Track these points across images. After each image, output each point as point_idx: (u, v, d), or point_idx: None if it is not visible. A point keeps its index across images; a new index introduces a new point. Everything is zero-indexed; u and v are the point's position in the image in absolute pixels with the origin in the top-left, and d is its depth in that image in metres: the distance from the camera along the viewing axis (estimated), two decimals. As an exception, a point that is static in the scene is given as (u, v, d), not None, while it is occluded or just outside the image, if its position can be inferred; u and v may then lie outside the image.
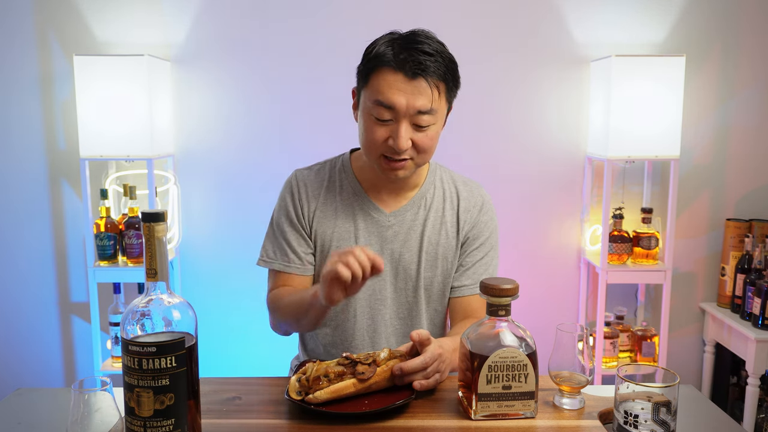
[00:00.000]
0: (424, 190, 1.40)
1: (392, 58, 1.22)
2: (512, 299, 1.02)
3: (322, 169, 1.43)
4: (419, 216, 1.38)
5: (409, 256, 1.37)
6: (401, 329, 1.40)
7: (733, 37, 2.46)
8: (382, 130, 1.25)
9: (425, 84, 1.22)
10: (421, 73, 1.22)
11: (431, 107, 1.24)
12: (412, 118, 1.23)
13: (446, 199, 1.41)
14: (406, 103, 1.22)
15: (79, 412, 0.82)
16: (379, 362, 1.08)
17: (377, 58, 1.24)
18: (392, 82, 1.22)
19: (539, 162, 2.51)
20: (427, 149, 1.28)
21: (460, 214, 1.40)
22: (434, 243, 1.38)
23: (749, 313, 2.31)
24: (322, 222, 1.38)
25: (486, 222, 1.42)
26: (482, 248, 1.40)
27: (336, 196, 1.39)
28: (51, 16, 2.40)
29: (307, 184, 1.40)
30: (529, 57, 2.46)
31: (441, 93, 1.26)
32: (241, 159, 2.49)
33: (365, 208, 1.38)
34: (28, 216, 2.51)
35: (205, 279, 2.54)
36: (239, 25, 2.43)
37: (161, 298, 0.86)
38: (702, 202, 2.55)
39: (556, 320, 1.53)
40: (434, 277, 1.39)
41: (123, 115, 2.20)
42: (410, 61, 1.21)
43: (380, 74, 1.23)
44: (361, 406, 1.03)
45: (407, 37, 1.26)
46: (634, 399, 0.90)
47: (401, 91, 1.22)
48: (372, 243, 1.37)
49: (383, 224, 1.37)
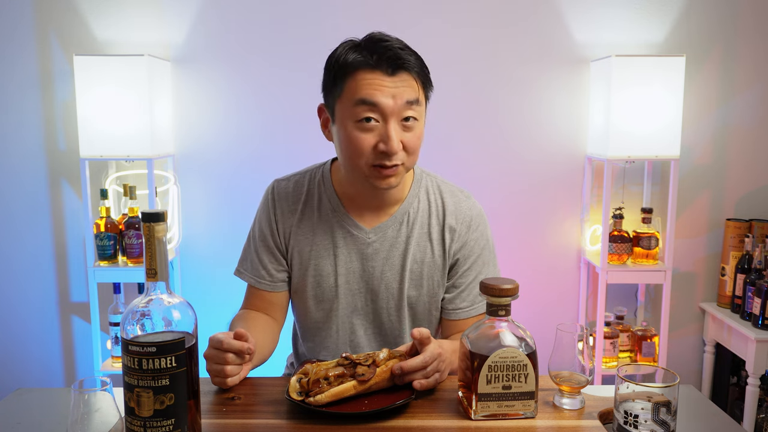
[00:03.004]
0: (407, 205, 1.34)
1: (363, 60, 1.17)
2: (512, 299, 1.02)
3: (301, 180, 1.37)
4: (402, 232, 1.33)
5: (391, 275, 1.32)
6: (383, 347, 1.35)
7: (733, 37, 2.46)
8: (368, 137, 1.19)
9: (407, 75, 1.19)
10: (401, 65, 1.18)
11: (417, 97, 1.20)
12: (400, 114, 1.19)
13: (431, 214, 1.34)
14: (393, 100, 1.17)
15: (79, 412, 0.82)
16: (379, 363, 1.07)
17: (347, 65, 1.19)
18: (372, 82, 1.17)
19: (539, 162, 2.51)
20: (414, 149, 1.23)
21: (446, 233, 1.33)
22: (419, 261, 1.32)
23: (749, 313, 2.31)
24: (300, 239, 1.34)
25: (476, 239, 1.35)
26: (474, 267, 1.35)
27: (314, 212, 1.34)
28: (51, 16, 2.40)
29: (284, 198, 1.36)
30: (529, 57, 2.46)
31: (419, 85, 1.22)
32: (241, 159, 2.49)
33: (344, 224, 1.32)
34: (28, 216, 2.51)
35: (205, 279, 2.54)
36: (239, 26, 2.43)
37: (161, 298, 0.86)
38: (702, 202, 2.55)
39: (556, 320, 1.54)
40: (419, 297, 1.34)
41: (123, 115, 2.20)
42: (386, 58, 1.17)
43: (356, 77, 1.18)
44: (361, 406, 1.03)
45: (370, 39, 1.21)
46: (634, 399, 0.90)
47: (385, 88, 1.17)
48: (352, 260, 1.33)
49: (363, 241, 1.32)
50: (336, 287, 1.33)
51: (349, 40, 1.23)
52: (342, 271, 1.33)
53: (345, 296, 1.34)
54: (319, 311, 1.36)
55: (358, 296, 1.34)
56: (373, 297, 1.34)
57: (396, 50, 1.18)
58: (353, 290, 1.34)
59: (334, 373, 1.05)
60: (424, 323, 1.37)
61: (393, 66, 1.17)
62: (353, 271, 1.33)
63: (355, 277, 1.33)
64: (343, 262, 1.33)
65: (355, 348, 1.36)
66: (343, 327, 1.35)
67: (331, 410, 1.02)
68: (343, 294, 1.33)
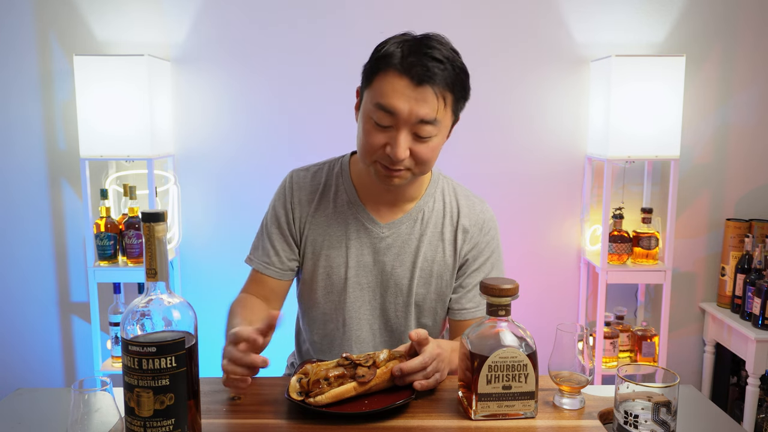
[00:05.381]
0: (423, 203, 1.35)
1: (399, 60, 1.15)
2: (512, 299, 1.02)
3: (320, 171, 1.38)
4: (415, 230, 1.34)
5: (401, 271, 1.33)
6: (390, 342, 1.38)
7: (732, 37, 2.46)
8: (380, 136, 1.19)
9: (431, 92, 1.15)
10: (427, 80, 1.15)
11: (435, 117, 1.17)
12: (414, 126, 1.17)
13: (446, 215, 1.35)
14: (408, 110, 1.15)
15: (79, 412, 0.82)
16: (379, 363, 1.08)
17: (384, 59, 1.17)
18: (396, 86, 1.15)
19: (539, 162, 2.51)
20: (426, 160, 1.21)
21: (459, 234, 1.35)
22: (430, 260, 1.34)
23: (749, 313, 2.31)
24: (314, 229, 1.34)
25: (487, 242, 1.36)
26: (483, 269, 1.36)
27: (330, 203, 1.34)
28: (51, 16, 2.40)
29: (302, 188, 1.36)
30: (529, 57, 2.46)
31: (447, 103, 1.19)
32: (241, 159, 2.49)
33: (359, 217, 1.33)
34: (28, 216, 2.51)
35: (205, 279, 2.54)
36: (239, 25, 2.43)
37: (161, 298, 0.86)
38: (702, 202, 2.55)
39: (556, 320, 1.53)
40: (427, 294, 1.35)
41: (123, 115, 2.20)
42: (418, 66, 1.14)
43: (385, 77, 1.17)
44: (361, 407, 1.03)
45: (419, 41, 1.19)
46: (634, 399, 0.90)
47: (405, 97, 1.15)
48: (364, 254, 1.33)
49: (377, 235, 1.33)
50: (346, 279, 1.34)
51: (403, 33, 1.22)
52: (353, 264, 1.33)
53: (354, 289, 1.34)
54: (327, 303, 1.36)
55: (366, 290, 1.35)
56: (382, 292, 1.35)
57: (430, 61, 1.15)
58: (362, 284, 1.34)
59: (334, 373, 1.05)
60: (429, 322, 1.38)
61: (420, 77, 1.15)
62: (364, 265, 1.33)
63: (366, 271, 1.34)
64: (355, 255, 1.33)
65: (360, 343, 1.37)
66: (350, 320, 1.36)
67: (332, 410, 1.02)
68: (352, 287, 1.34)
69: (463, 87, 1.21)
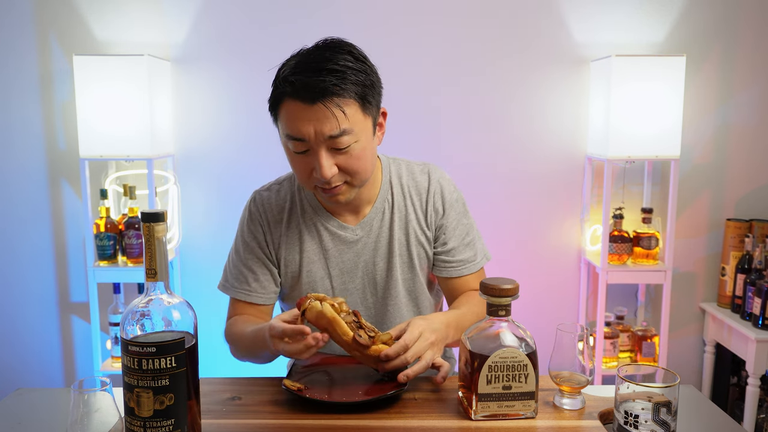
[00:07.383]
0: (384, 193, 1.33)
1: (290, 84, 1.12)
2: (512, 299, 1.02)
3: (282, 188, 1.37)
4: (385, 221, 1.33)
5: (382, 263, 1.33)
6: None
7: (733, 37, 2.46)
8: (304, 162, 1.17)
9: (324, 108, 1.11)
10: (319, 97, 1.10)
11: (343, 128, 1.12)
12: (328, 143, 1.13)
13: (405, 195, 1.34)
14: (313, 132, 1.12)
15: (78, 412, 0.82)
16: (376, 340, 1.09)
17: (278, 88, 1.15)
18: (294, 112, 1.13)
19: (539, 162, 2.51)
20: (356, 170, 1.18)
21: (428, 209, 1.34)
22: (405, 243, 1.33)
23: (749, 313, 2.31)
24: (289, 248, 1.33)
25: (451, 203, 1.35)
26: (458, 228, 1.35)
27: (299, 218, 1.33)
28: (51, 16, 2.40)
29: (270, 209, 1.34)
30: (529, 57, 2.46)
31: (353, 109, 1.13)
32: (241, 159, 2.49)
33: (329, 226, 1.32)
34: (28, 216, 2.51)
35: (205, 279, 2.54)
36: (239, 25, 2.43)
37: (161, 298, 0.86)
38: (702, 202, 2.55)
39: (556, 320, 1.53)
40: (414, 277, 1.35)
41: (123, 115, 2.20)
42: (306, 86, 1.10)
43: (284, 105, 1.15)
44: (354, 396, 1.04)
45: (308, 55, 1.15)
46: (635, 399, 0.90)
47: (305, 120, 1.12)
48: (344, 260, 1.33)
49: (351, 239, 1.32)
50: (332, 289, 1.34)
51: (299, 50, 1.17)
52: (335, 273, 1.33)
53: (343, 296, 1.34)
54: None
55: (355, 293, 1.35)
56: (372, 290, 1.35)
57: (315, 77, 1.10)
58: (349, 289, 1.34)
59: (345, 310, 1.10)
60: (425, 304, 1.38)
61: (310, 97, 1.11)
62: (347, 271, 1.33)
63: (350, 275, 1.34)
64: (335, 264, 1.33)
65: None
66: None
67: (327, 400, 1.03)
68: (341, 294, 1.34)
69: (365, 84, 1.15)
